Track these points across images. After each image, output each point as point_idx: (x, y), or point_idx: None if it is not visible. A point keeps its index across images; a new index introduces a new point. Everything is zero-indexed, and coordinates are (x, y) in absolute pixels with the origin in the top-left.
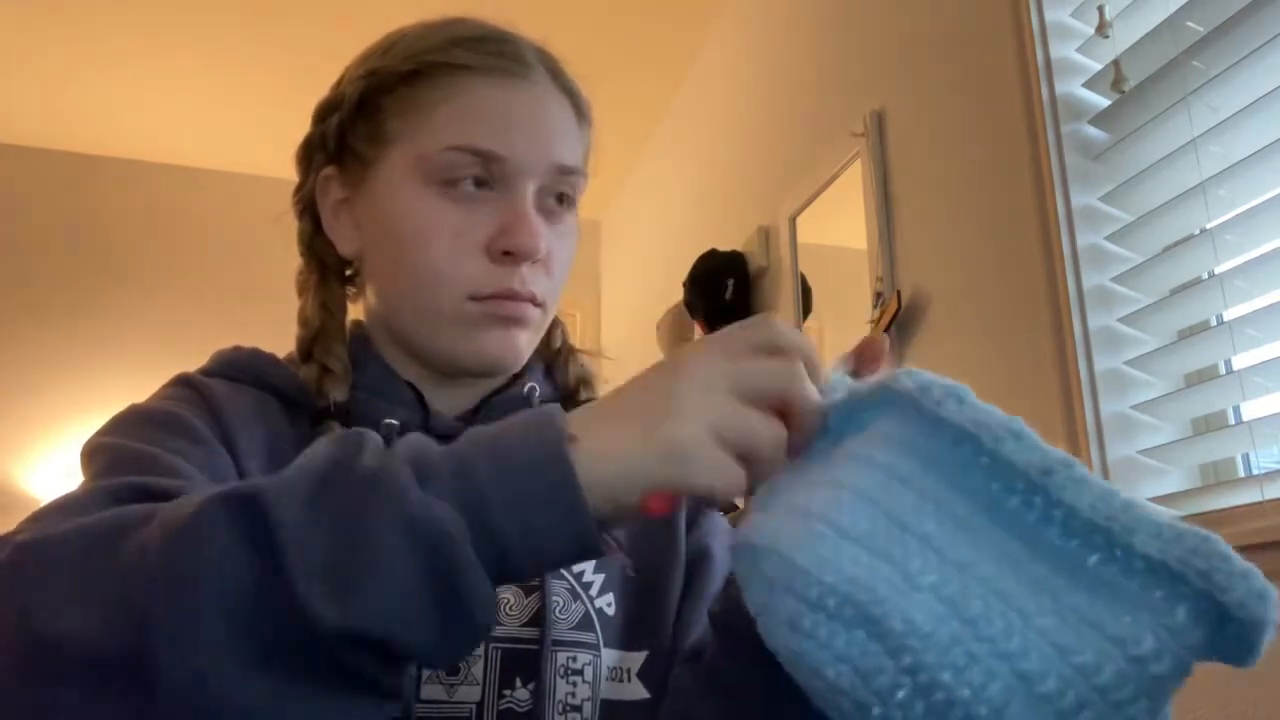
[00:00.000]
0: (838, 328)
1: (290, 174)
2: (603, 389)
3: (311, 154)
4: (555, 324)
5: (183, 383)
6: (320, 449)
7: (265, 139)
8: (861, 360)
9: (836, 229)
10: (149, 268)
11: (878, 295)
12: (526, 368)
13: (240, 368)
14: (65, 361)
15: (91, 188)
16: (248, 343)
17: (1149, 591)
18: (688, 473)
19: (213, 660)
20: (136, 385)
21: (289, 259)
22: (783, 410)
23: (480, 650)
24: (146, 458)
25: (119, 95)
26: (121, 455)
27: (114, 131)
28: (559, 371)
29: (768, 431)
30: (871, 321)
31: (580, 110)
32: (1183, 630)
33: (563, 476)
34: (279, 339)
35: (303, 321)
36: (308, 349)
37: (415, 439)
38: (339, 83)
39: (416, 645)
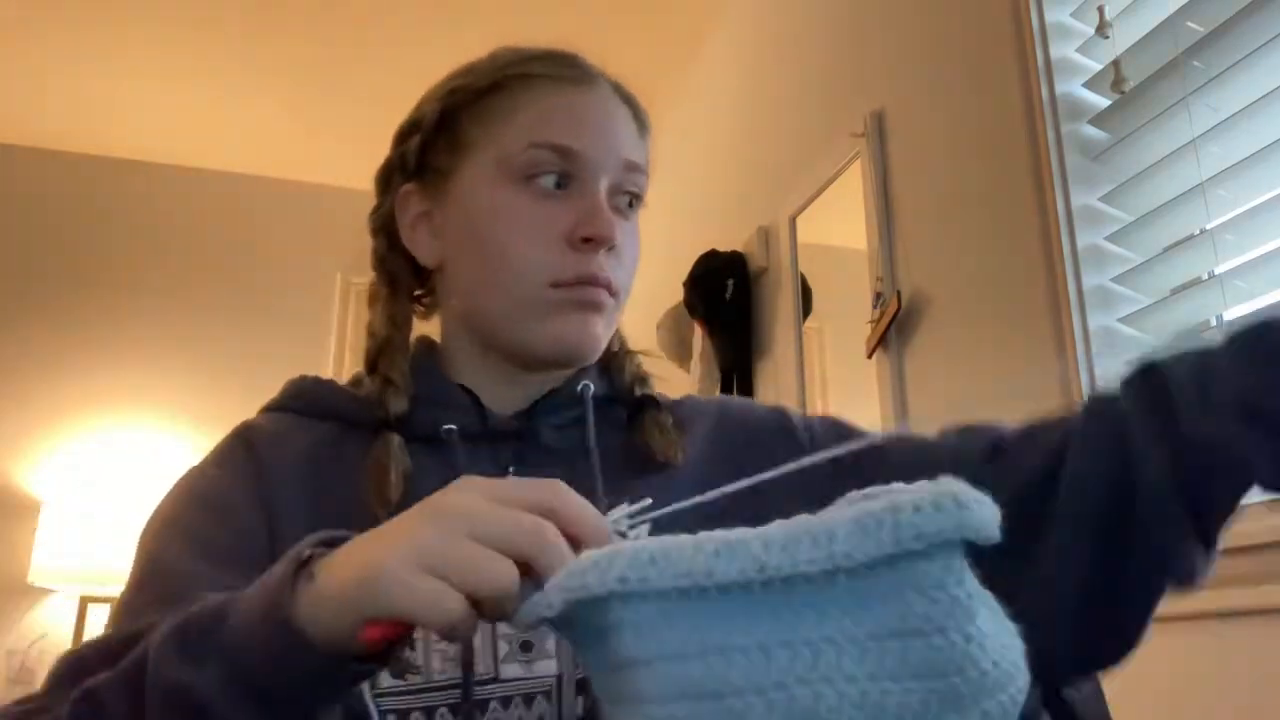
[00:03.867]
0: (838, 328)
1: (289, 173)
2: (659, 387)
3: (390, 176)
4: None
5: (241, 435)
6: (141, 649)
7: (266, 139)
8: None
9: (836, 229)
10: (150, 268)
11: (878, 295)
12: (583, 368)
13: (303, 400)
14: (65, 361)
15: (92, 188)
16: (247, 342)
17: (897, 571)
18: (383, 598)
19: None
20: (137, 385)
21: (286, 260)
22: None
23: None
24: (164, 573)
25: (120, 96)
26: (148, 571)
27: (113, 132)
28: (615, 371)
29: (489, 567)
30: (871, 321)
31: (640, 119)
32: (942, 577)
33: (283, 621)
34: (278, 339)
35: (371, 333)
36: (373, 360)
37: (208, 604)
38: (417, 107)
39: None
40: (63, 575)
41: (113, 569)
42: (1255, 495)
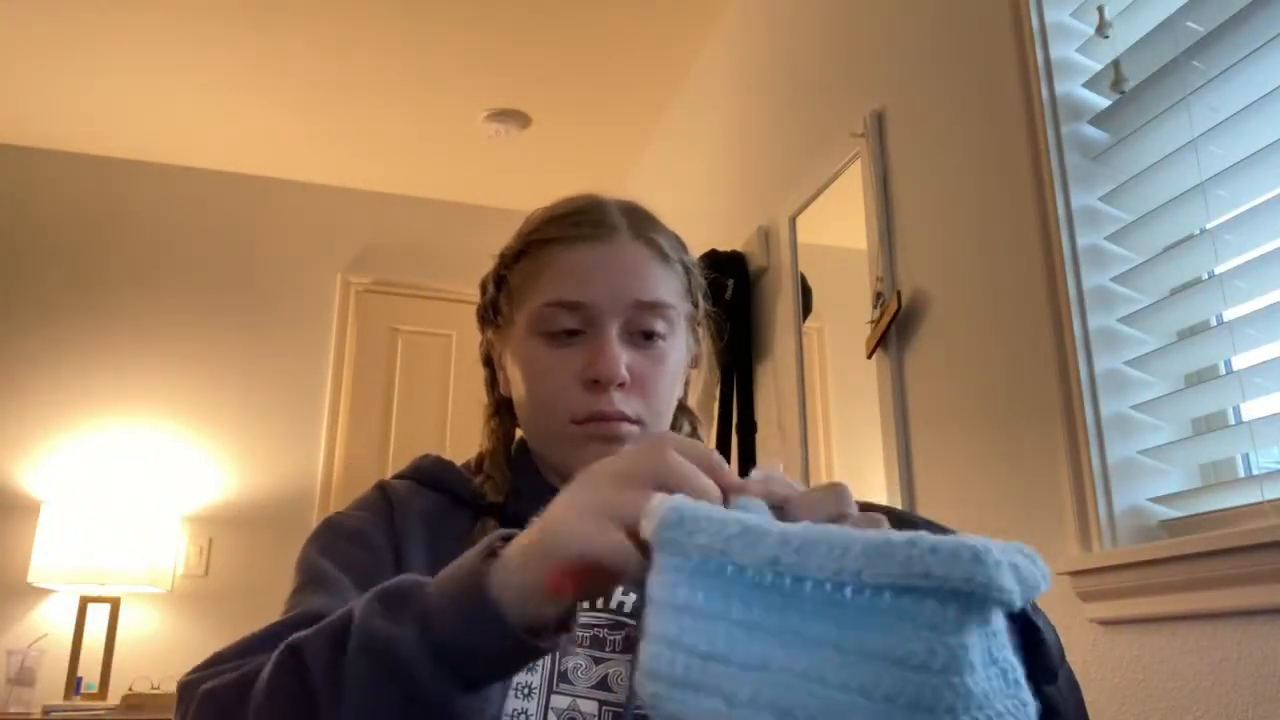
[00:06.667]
0: (838, 328)
1: (289, 173)
2: None
3: (481, 319)
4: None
5: (380, 486)
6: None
7: (266, 139)
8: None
9: (836, 229)
10: (150, 268)
11: (878, 295)
12: None
13: (426, 474)
14: (66, 361)
15: (92, 188)
16: (247, 342)
17: (901, 601)
18: (562, 542)
19: None
20: (137, 385)
21: (286, 259)
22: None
23: (594, 710)
24: (325, 577)
25: (120, 95)
26: (311, 576)
27: (113, 131)
28: None
29: (644, 500)
30: (871, 321)
31: (663, 254)
32: (939, 621)
33: (479, 589)
34: (278, 338)
35: (481, 443)
36: (480, 463)
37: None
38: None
39: None
40: (63, 575)
41: (113, 569)
42: (1255, 494)
